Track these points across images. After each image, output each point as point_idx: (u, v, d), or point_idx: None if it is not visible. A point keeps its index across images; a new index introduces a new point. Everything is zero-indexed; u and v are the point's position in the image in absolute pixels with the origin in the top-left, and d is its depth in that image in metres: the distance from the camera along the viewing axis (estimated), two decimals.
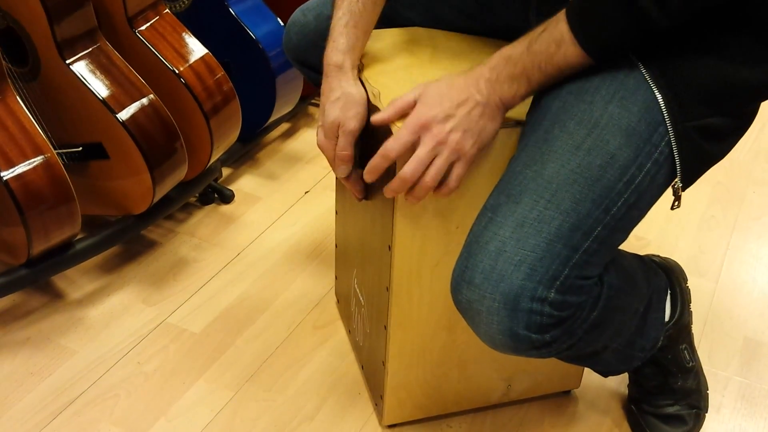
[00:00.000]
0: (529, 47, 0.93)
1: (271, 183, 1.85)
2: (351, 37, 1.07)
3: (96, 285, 1.54)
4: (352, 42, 1.07)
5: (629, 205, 0.93)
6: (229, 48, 1.71)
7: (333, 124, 1.06)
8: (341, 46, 1.07)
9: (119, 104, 1.39)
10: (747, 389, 1.39)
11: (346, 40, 1.07)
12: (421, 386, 1.25)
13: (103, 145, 1.44)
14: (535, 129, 0.95)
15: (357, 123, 1.06)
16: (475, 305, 0.91)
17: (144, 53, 1.48)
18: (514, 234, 0.89)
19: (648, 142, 0.92)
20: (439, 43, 1.20)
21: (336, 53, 1.07)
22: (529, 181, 0.91)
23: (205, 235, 1.68)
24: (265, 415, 1.30)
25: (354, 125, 1.05)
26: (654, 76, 0.93)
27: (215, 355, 1.41)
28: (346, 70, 1.07)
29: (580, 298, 0.92)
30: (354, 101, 1.05)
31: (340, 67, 1.06)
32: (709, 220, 1.79)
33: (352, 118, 1.05)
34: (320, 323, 1.48)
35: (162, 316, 1.48)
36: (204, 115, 1.53)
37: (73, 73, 1.37)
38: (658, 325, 1.17)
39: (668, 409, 1.27)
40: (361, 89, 1.07)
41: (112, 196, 1.50)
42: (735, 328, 1.51)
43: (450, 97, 0.95)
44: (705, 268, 1.65)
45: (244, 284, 1.56)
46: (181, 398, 1.32)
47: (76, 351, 1.40)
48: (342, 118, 1.05)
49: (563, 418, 1.32)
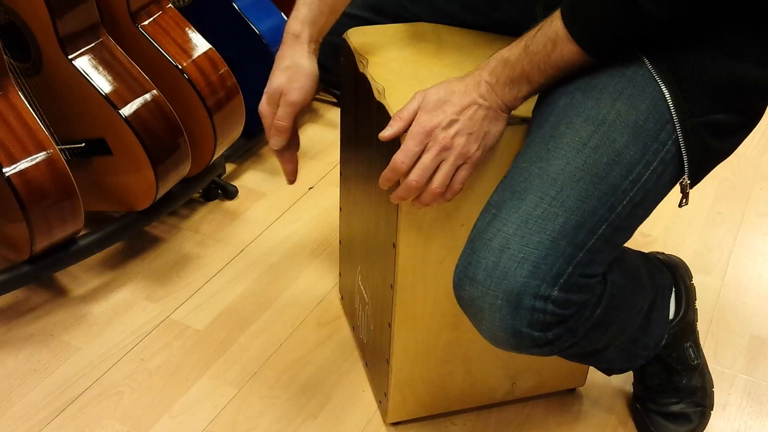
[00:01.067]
0: (526, 48, 0.92)
1: (275, 179, 1.84)
2: (314, 10, 1.06)
3: (99, 281, 1.54)
4: (315, 15, 1.06)
5: (635, 204, 0.92)
6: (233, 43, 1.70)
7: (276, 91, 1.05)
8: (301, 16, 1.06)
9: (122, 100, 1.39)
10: (753, 387, 1.38)
11: (308, 10, 1.06)
12: (425, 384, 1.24)
13: (106, 141, 1.43)
14: (541, 125, 0.95)
15: (300, 95, 1.04)
16: (478, 302, 0.90)
17: (147, 48, 1.47)
18: (518, 231, 0.88)
19: (655, 140, 0.92)
20: (444, 38, 1.19)
21: (295, 22, 1.06)
22: (534, 178, 0.90)
23: (208, 232, 1.68)
24: (268, 412, 1.30)
25: (297, 96, 1.04)
26: (662, 73, 0.92)
27: (219, 352, 1.40)
28: (303, 41, 1.06)
29: (584, 296, 0.91)
30: (303, 73, 1.04)
31: (297, 36, 1.05)
32: (716, 216, 1.78)
33: (297, 89, 1.04)
34: (324, 320, 1.48)
35: (165, 312, 1.48)
36: (207, 111, 1.52)
37: (76, 69, 1.36)
38: (662, 323, 1.16)
39: (673, 407, 1.26)
40: (313, 63, 1.06)
41: (115, 192, 1.50)
42: (741, 325, 1.50)
43: (452, 103, 0.94)
44: (711, 265, 1.64)
45: (248, 281, 1.56)
46: (185, 395, 1.32)
47: (79, 347, 1.40)
48: (286, 87, 1.04)
49: (568, 417, 1.32)
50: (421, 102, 0.96)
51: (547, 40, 0.91)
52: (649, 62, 0.92)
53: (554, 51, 0.91)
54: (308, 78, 1.05)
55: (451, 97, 0.95)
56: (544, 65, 0.92)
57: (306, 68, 1.05)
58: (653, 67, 0.92)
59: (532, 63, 0.92)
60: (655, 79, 0.92)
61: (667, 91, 0.91)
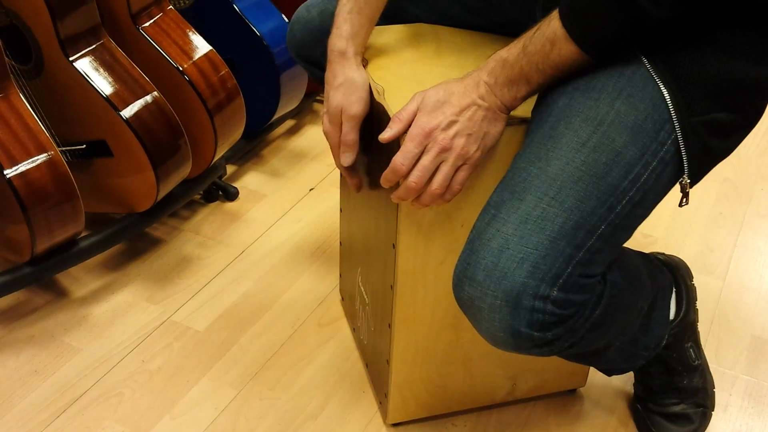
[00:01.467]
0: (524, 48, 0.92)
1: (276, 180, 1.84)
2: (355, 24, 1.07)
3: (100, 283, 1.54)
4: (356, 29, 1.07)
5: (634, 204, 0.92)
6: (233, 45, 1.71)
7: (336, 110, 1.05)
8: (344, 33, 1.06)
9: (123, 101, 1.39)
10: (754, 388, 1.38)
11: (349, 26, 1.07)
12: (426, 385, 1.24)
13: (107, 142, 1.43)
14: (540, 125, 0.95)
15: (360, 107, 1.05)
16: (477, 302, 0.90)
17: (148, 50, 1.47)
18: (517, 231, 0.88)
19: (654, 140, 0.92)
20: (444, 39, 1.20)
21: (339, 39, 1.06)
22: (534, 178, 0.90)
23: (209, 233, 1.68)
24: (269, 413, 1.30)
25: (357, 110, 1.05)
26: (661, 73, 0.92)
27: (219, 353, 1.40)
28: (349, 56, 1.06)
29: (583, 296, 0.91)
30: (356, 86, 1.05)
31: (343, 53, 1.06)
32: (717, 217, 1.77)
33: (355, 102, 1.05)
34: (324, 321, 1.48)
35: (166, 314, 1.48)
36: (208, 113, 1.52)
37: (77, 71, 1.37)
38: (662, 323, 1.16)
39: (674, 407, 1.26)
40: (363, 75, 1.06)
41: (115, 193, 1.50)
42: (742, 326, 1.50)
43: (451, 104, 0.94)
44: (712, 266, 1.64)
45: (249, 282, 1.56)
46: (185, 396, 1.32)
47: (80, 349, 1.40)
48: (345, 104, 1.05)
49: (568, 417, 1.32)
50: (421, 103, 0.96)
51: (545, 41, 0.91)
52: (647, 62, 0.92)
53: (552, 51, 0.91)
54: (362, 89, 1.06)
55: (450, 98, 0.95)
56: (543, 65, 0.92)
57: (358, 81, 1.06)
58: (652, 66, 0.92)
59: (531, 63, 0.92)
60: (654, 79, 0.92)
61: (666, 90, 0.91)
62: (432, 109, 0.95)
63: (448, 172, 0.96)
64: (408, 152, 0.95)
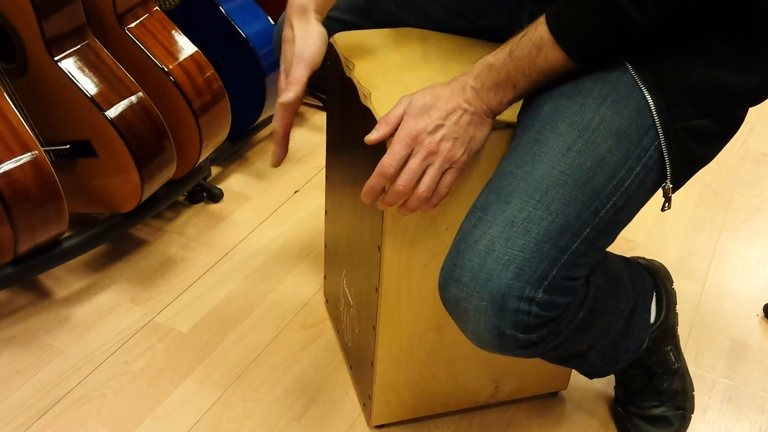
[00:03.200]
0: (510, 53, 0.93)
1: (261, 182, 1.84)
2: None
3: (83, 283, 1.54)
4: None
5: (618, 208, 0.93)
6: (219, 46, 1.71)
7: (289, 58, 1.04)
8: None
9: (107, 102, 1.39)
10: (733, 391, 1.39)
11: None
12: (410, 386, 1.25)
13: (91, 142, 1.43)
14: (526, 130, 0.96)
15: (313, 51, 1.04)
16: (463, 303, 0.91)
17: (133, 51, 1.47)
18: (503, 233, 0.89)
19: (638, 145, 0.93)
20: (431, 44, 1.20)
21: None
22: (520, 181, 0.91)
23: (193, 234, 1.67)
24: (252, 415, 1.30)
25: (309, 52, 1.04)
26: (645, 80, 0.93)
27: (203, 355, 1.40)
28: (309, 11, 1.06)
29: (567, 298, 0.92)
30: (313, 34, 1.04)
31: (304, 9, 1.05)
32: (697, 222, 1.80)
33: (309, 48, 1.04)
34: (309, 323, 1.48)
35: (149, 315, 1.48)
36: (193, 114, 1.52)
37: (61, 70, 1.36)
38: (643, 327, 1.18)
39: (654, 410, 1.27)
40: (322, 28, 1.06)
41: (99, 194, 1.50)
42: (722, 330, 1.52)
43: (438, 108, 0.95)
44: (692, 270, 1.66)
45: (233, 284, 1.56)
46: (169, 398, 1.32)
47: (62, 350, 1.40)
48: (298, 50, 1.04)
49: (550, 420, 1.33)
50: (407, 107, 0.97)
51: (531, 46, 0.92)
52: (632, 68, 0.94)
53: (539, 56, 0.92)
54: (319, 38, 1.04)
55: (437, 102, 0.96)
56: (529, 70, 0.93)
57: (315, 30, 1.04)
58: (636, 73, 0.94)
59: (517, 68, 0.93)
60: (639, 86, 0.93)
61: (650, 97, 0.93)
62: (419, 113, 0.96)
63: (435, 176, 0.97)
64: (395, 154, 0.96)
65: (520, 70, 0.93)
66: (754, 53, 0.93)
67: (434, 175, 0.97)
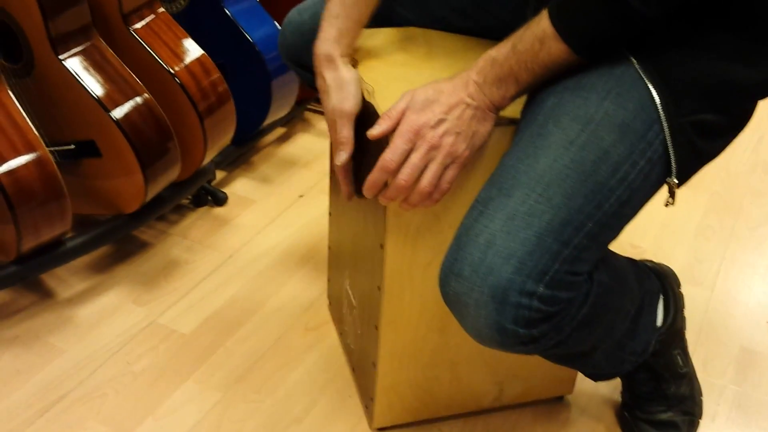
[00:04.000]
0: (513, 48, 0.92)
1: (266, 186, 1.84)
2: (341, 27, 1.06)
3: (86, 284, 1.53)
4: (342, 32, 1.06)
5: (622, 202, 0.92)
6: (225, 50, 1.71)
7: (332, 114, 1.05)
8: (330, 36, 1.06)
9: (113, 102, 1.39)
10: (742, 398, 1.37)
11: (335, 30, 1.06)
12: (412, 389, 1.23)
13: (96, 143, 1.43)
14: (529, 124, 0.95)
15: (351, 103, 1.04)
16: (463, 298, 0.89)
17: (138, 52, 1.47)
18: (504, 227, 0.88)
19: (642, 139, 0.92)
20: (435, 43, 1.20)
21: (325, 44, 1.06)
22: (522, 175, 0.90)
23: (197, 237, 1.67)
24: (253, 417, 1.29)
25: (348, 106, 1.04)
26: (650, 73, 0.92)
27: (205, 356, 1.39)
28: (336, 58, 1.06)
29: (570, 293, 0.91)
30: (346, 83, 1.04)
31: (330, 57, 1.06)
32: (706, 229, 1.78)
33: (345, 99, 1.04)
34: (312, 325, 1.47)
35: (152, 316, 1.47)
36: (198, 116, 1.52)
37: (67, 70, 1.36)
38: (649, 328, 1.16)
39: (661, 415, 1.25)
40: (353, 72, 1.06)
41: (103, 195, 1.49)
42: (731, 337, 1.50)
43: (440, 102, 0.94)
44: (701, 277, 1.64)
45: (236, 286, 1.55)
46: (170, 398, 1.31)
47: (64, 350, 1.39)
48: (336, 103, 1.04)
49: (556, 424, 1.31)
50: (410, 101, 0.96)
51: (534, 39, 0.91)
52: (637, 62, 0.93)
53: (542, 50, 0.91)
54: (352, 84, 1.05)
55: (440, 96, 0.95)
56: (532, 64, 0.92)
57: (347, 78, 1.05)
58: (641, 67, 0.93)
59: (520, 62, 0.93)
60: (643, 79, 0.92)
61: (655, 91, 0.92)
62: (421, 108, 0.95)
63: (437, 170, 0.96)
64: (397, 148, 0.95)
65: (523, 64, 0.93)
66: (760, 45, 0.92)
67: (436, 170, 0.96)
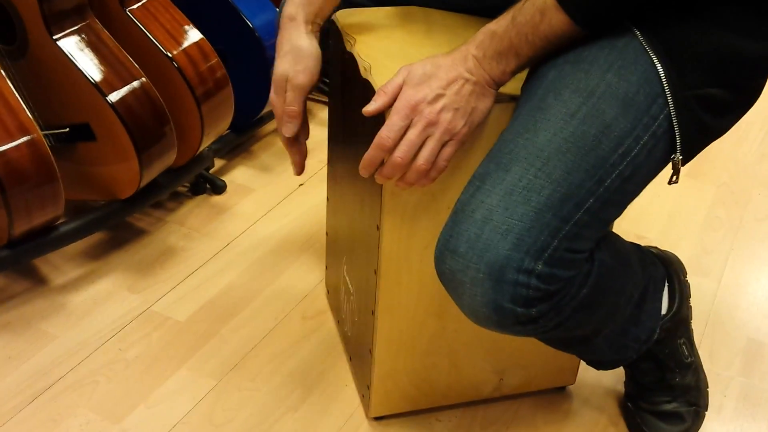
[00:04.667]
0: (513, 20, 0.90)
1: (265, 175, 1.81)
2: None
3: (80, 271, 1.51)
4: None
5: (624, 178, 0.89)
6: (225, 36, 1.68)
7: (281, 78, 1.02)
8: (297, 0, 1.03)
9: (108, 84, 1.36)
10: (750, 390, 1.34)
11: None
12: (410, 376, 1.20)
13: (91, 126, 1.40)
14: (529, 98, 0.92)
15: (305, 77, 1.02)
16: (459, 275, 0.86)
17: (135, 33, 1.45)
18: (501, 202, 0.85)
19: (646, 113, 0.89)
20: (435, 21, 1.17)
21: (291, 5, 1.03)
22: (520, 149, 0.87)
23: (195, 225, 1.64)
24: (247, 405, 1.26)
25: (302, 80, 1.02)
26: (654, 46, 0.89)
27: (199, 344, 1.36)
28: (299, 22, 1.03)
29: (569, 272, 0.87)
30: (304, 55, 1.02)
31: (293, 18, 1.02)
32: (713, 220, 1.74)
33: (301, 72, 1.02)
34: (309, 314, 1.44)
35: (146, 303, 1.44)
36: (195, 101, 1.49)
37: (61, 50, 1.34)
38: (654, 315, 1.13)
39: (666, 406, 1.22)
40: (313, 43, 1.03)
41: (98, 179, 1.47)
42: (737, 328, 1.46)
43: (438, 77, 0.92)
44: (708, 268, 1.60)
45: (233, 274, 1.52)
46: (162, 386, 1.28)
47: (56, 336, 1.36)
48: (290, 72, 1.02)
49: (557, 415, 1.28)
50: (407, 76, 0.94)
51: (535, 11, 0.88)
52: (641, 35, 0.90)
53: (542, 21, 0.88)
54: (310, 58, 1.02)
55: (437, 71, 0.92)
56: (532, 36, 0.89)
57: (306, 49, 1.02)
58: (645, 39, 0.90)
59: (520, 35, 0.90)
60: (647, 52, 0.89)
61: (659, 63, 0.89)
62: (418, 82, 0.92)
63: (435, 147, 0.93)
64: (393, 125, 0.92)
65: (524, 37, 0.90)
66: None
67: (433, 147, 0.93)
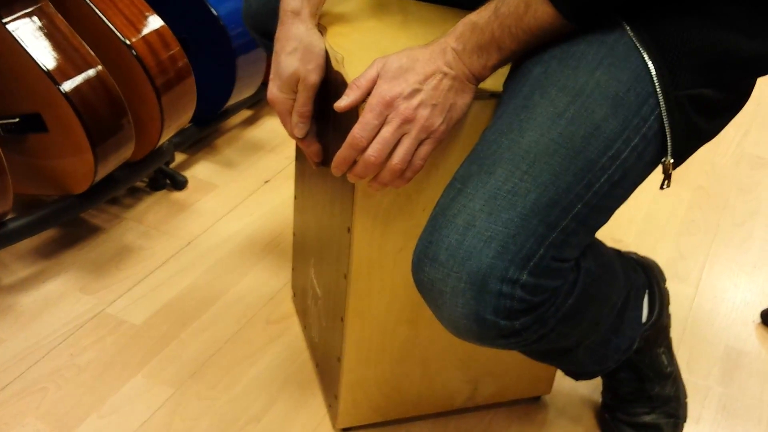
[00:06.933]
0: (496, 11, 0.84)
1: (229, 171, 1.74)
2: None
3: (30, 271, 1.42)
4: None
5: (613, 183, 0.84)
6: (188, 24, 1.61)
7: (291, 77, 0.96)
8: None
9: (61, 72, 1.28)
10: (728, 400, 1.30)
11: None
12: (380, 385, 1.14)
13: (42, 116, 1.32)
14: (513, 96, 0.86)
15: (318, 76, 0.97)
16: (438, 285, 0.80)
17: (91, 19, 1.37)
18: (485, 207, 0.79)
19: (637, 114, 0.84)
20: (411, 12, 1.11)
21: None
22: (505, 151, 0.81)
23: (153, 223, 1.56)
24: (207, 415, 1.19)
25: (315, 79, 0.96)
26: (645, 43, 0.84)
27: (156, 349, 1.29)
28: (305, 17, 0.97)
29: (555, 282, 0.82)
30: (314, 52, 0.96)
31: (298, 13, 0.96)
32: (690, 224, 1.71)
33: (312, 71, 0.96)
34: (274, 318, 1.37)
35: (100, 305, 1.36)
36: (155, 91, 1.42)
37: (10, 35, 1.25)
38: (635, 324, 1.08)
39: (644, 417, 1.17)
40: (321, 39, 0.98)
41: (50, 173, 1.38)
42: (716, 335, 1.43)
43: (415, 71, 0.86)
44: (685, 273, 1.57)
45: (194, 275, 1.45)
46: (116, 394, 1.21)
47: (3, 340, 1.28)
48: (302, 71, 0.96)
49: (532, 427, 1.23)
50: (381, 69, 0.87)
51: (519, 2, 0.83)
52: (631, 30, 0.85)
53: (527, 13, 0.82)
54: (320, 56, 0.97)
55: (414, 64, 0.86)
56: (516, 29, 0.84)
57: (316, 46, 0.97)
58: (636, 35, 0.84)
59: (503, 27, 0.84)
60: (638, 49, 0.84)
61: (651, 61, 0.83)
62: (393, 76, 0.86)
63: (410, 146, 0.87)
64: (367, 123, 0.86)
65: (506, 29, 0.84)
66: (764, 15, 0.84)
67: (409, 145, 0.87)
